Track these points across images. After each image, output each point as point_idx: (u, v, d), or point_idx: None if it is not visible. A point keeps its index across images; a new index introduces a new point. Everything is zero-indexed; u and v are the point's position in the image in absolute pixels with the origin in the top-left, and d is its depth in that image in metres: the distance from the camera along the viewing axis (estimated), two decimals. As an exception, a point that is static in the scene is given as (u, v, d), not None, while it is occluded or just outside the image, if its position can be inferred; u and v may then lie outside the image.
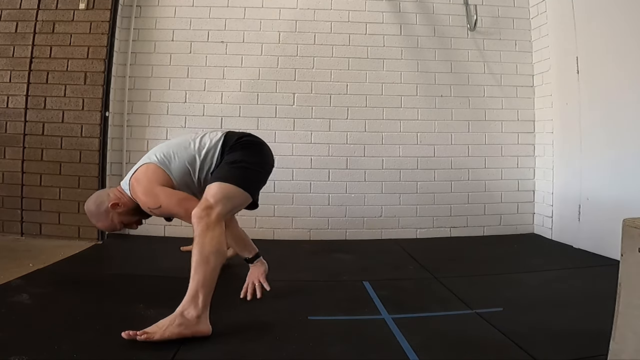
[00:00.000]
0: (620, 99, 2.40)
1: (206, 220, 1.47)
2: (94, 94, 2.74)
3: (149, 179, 1.68)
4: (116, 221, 1.75)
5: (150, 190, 1.66)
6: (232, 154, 1.72)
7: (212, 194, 1.55)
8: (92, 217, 1.78)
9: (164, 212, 1.69)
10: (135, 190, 1.70)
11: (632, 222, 1.01)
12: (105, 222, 1.77)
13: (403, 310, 1.67)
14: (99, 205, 1.75)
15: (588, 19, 2.65)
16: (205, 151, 1.74)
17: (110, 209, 1.72)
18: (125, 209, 1.74)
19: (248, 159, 1.71)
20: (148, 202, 1.66)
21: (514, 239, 2.99)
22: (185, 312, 1.35)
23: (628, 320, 1.00)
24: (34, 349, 1.26)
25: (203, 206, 1.51)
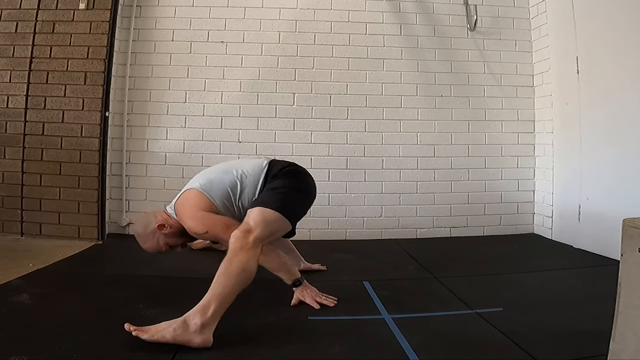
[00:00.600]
0: (620, 98, 2.40)
1: (242, 242, 1.49)
2: (94, 94, 2.74)
3: (192, 204, 1.73)
4: (162, 242, 1.78)
5: (195, 215, 1.70)
6: (275, 181, 1.76)
7: (252, 217, 1.58)
8: (140, 238, 1.81)
9: (211, 236, 1.73)
10: (180, 215, 1.74)
11: (632, 222, 1.01)
12: (151, 243, 1.79)
13: (403, 310, 1.67)
14: (146, 227, 1.78)
15: (588, 19, 2.65)
16: (247, 178, 1.79)
17: (157, 229, 1.75)
18: (171, 231, 1.77)
19: (291, 187, 1.75)
20: (195, 227, 1.70)
21: (514, 239, 2.99)
22: (190, 319, 1.33)
23: (628, 320, 1.00)
24: (34, 349, 1.26)
25: (242, 228, 1.54)
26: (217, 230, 1.67)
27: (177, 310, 1.59)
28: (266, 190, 1.74)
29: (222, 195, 1.75)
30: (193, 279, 2.05)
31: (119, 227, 2.93)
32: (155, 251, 1.82)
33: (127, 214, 2.94)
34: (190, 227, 1.71)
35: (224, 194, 1.76)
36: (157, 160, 2.97)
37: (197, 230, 1.71)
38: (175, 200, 1.82)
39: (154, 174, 2.96)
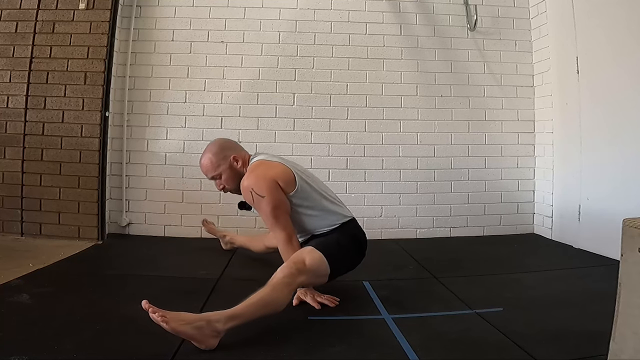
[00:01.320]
0: (620, 98, 2.40)
1: (290, 280, 1.51)
2: (94, 94, 2.74)
3: (276, 171, 1.75)
4: (221, 168, 1.82)
5: (266, 178, 1.70)
6: (349, 239, 1.81)
7: (312, 260, 1.60)
8: (210, 151, 1.86)
9: (259, 204, 1.71)
10: (252, 168, 1.77)
11: (632, 222, 1.01)
12: (213, 160, 1.83)
13: (403, 310, 1.67)
14: (225, 148, 1.85)
15: (588, 19, 2.65)
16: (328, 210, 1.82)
17: (232, 158, 1.82)
18: (237, 170, 1.82)
19: (355, 258, 1.84)
20: (256, 185, 1.69)
21: (514, 239, 2.99)
22: (215, 321, 1.31)
23: (628, 320, 1.00)
24: (34, 349, 1.26)
25: (299, 266, 1.56)
26: (269, 208, 1.68)
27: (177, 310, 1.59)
28: (336, 238, 1.77)
29: (302, 197, 1.77)
30: (193, 279, 2.05)
31: (119, 227, 2.93)
32: (207, 170, 1.86)
33: (127, 214, 2.94)
34: (250, 182, 1.71)
35: (305, 199, 1.78)
36: (157, 160, 2.97)
37: (255, 189, 1.68)
38: (264, 156, 1.84)
39: (154, 174, 2.96)
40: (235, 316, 1.35)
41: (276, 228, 1.72)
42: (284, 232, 1.71)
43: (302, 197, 1.78)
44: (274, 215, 1.70)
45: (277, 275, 1.52)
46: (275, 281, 1.49)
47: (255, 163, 1.82)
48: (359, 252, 1.87)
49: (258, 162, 1.82)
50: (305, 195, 1.79)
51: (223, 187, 1.89)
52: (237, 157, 1.84)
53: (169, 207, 2.95)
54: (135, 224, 2.95)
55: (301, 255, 1.62)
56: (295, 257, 1.61)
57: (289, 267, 1.54)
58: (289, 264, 1.56)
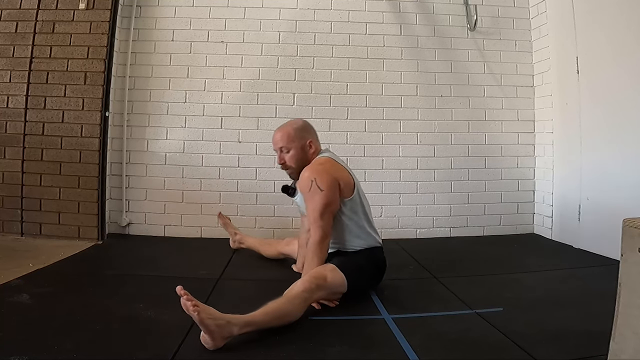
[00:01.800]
0: (620, 98, 2.40)
1: (308, 295, 1.54)
2: (94, 94, 2.73)
3: (342, 174, 1.81)
4: (294, 146, 1.86)
5: (333, 175, 1.77)
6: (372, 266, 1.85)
7: (333, 279, 1.64)
8: (291, 125, 1.91)
9: (313, 196, 1.73)
10: (321, 161, 1.83)
11: (632, 222, 1.01)
12: (291, 137, 1.87)
13: (403, 310, 1.67)
14: (305, 130, 1.91)
15: (588, 19, 2.65)
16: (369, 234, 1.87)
17: (307, 142, 1.88)
18: (306, 154, 1.88)
19: (373, 283, 1.88)
20: (320, 177, 1.73)
21: (514, 239, 2.99)
22: (233, 324, 1.32)
23: (628, 320, 1.00)
24: (34, 349, 1.26)
25: (319, 282, 1.59)
26: (320, 204, 1.71)
27: (177, 311, 1.59)
28: (361, 262, 1.80)
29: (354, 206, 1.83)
30: (193, 279, 2.05)
31: (119, 227, 2.93)
32: (280, 139, 1.89)
33: (127, 214, 2.94)
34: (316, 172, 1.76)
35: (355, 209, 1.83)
36: (157, 160, 2.97)
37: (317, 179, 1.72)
38: (333, 156, 1.90)
39: (154, 174, 2.96)
40: (251, 323, 1.36)
41: (317, 224, 1.72)
42: (321, 231, 1.72)
43: (352, 208, 1.83)
44: (321, 212, 1.72)
45: (296, 288, 1.53)
46: (294, 294, 1.51)
47: (324, 158, 1.87)
48: (376, 279, 1.91)
49: (327, 158, 1.87)
50: (355, 208, 1.84)
51: (284, 162, 1.90)
52: (312, 142, 1.89)
53: (169, 207, 2.95)
54: (135, 224, 2.95)
55: (323, 271, 1.64)
56: (317, 272, 1.63)
57: (309, 282, 1.56)
58: (310, 279, 1.57)
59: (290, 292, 1.52)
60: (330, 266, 1.69)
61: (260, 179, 2.98)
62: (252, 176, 2.98)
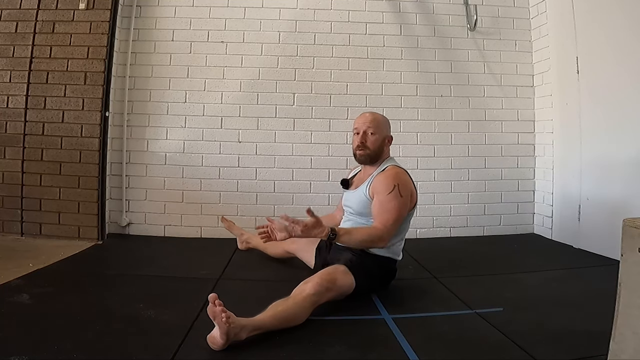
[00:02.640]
0: (620, 98, 2.40)
1: (317, 298, 1.54)
2: (94, 94, 2.73)
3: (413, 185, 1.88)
4: (380, 133, 1.90)
5: (413, 190, 1.87)
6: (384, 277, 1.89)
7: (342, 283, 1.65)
8: (380, 115, 1.98)
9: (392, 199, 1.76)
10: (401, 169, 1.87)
11: (632, 222, 1.01)
12: (382, 124, 1.93)
13: (403, 310, 1.67)
14: (389, 126, 1.98)
15: (588, 19, 2.65)
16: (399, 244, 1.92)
17: (387, 138, 1.94)
18: (383, 146, 1.92)
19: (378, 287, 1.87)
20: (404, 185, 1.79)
21: (514, 239, 2.99)
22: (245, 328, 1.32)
23: (628, 320, 1.00)
24: (34, 349, 1.26)
25: (329, 285, 1.59)
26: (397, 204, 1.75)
27: (177, 310, 1.60)
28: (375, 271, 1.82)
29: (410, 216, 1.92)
30: (193, 279, 2.05)
31: (119, 227, 2.93)
32: (373, 121, 1.92)
33: (127, 214, 2.94)
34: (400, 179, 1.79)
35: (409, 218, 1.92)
36: (157, 160, 2.97)
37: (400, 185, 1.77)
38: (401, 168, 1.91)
39: (154, 174, 2.96)
40: (260, 326, 1.37)
41: (384, 225, 1.74)
42: (383, 230, 1.73)
43: (406, 221, 1.90)
44: (395, 218, 1.75)
45: (307, 291, 1.53)
46: (303, 297, 1.51)
47: (402, 169, 1.89)
48: (381, 286, 1.91)
49: (405, 171, 1.89)
50: (406, 223, 1.91)
51: (364, 142, 1.91)
52: (390, 141, 1.95)
53: (169, 207, 2.95)
54: (135, 224, 2.95)
55: (335, 274, 1.64)
56: (328, 274, 1.63)
57: (320, 285, 1.56)
58: (320, 282, 1.57)
59: (299, 295, 1.52)
60: (342, 268, 1.69)
61: (260, 179, 2.98)
62: (252, 176, 2.98)
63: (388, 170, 1.85)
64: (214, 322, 1.28)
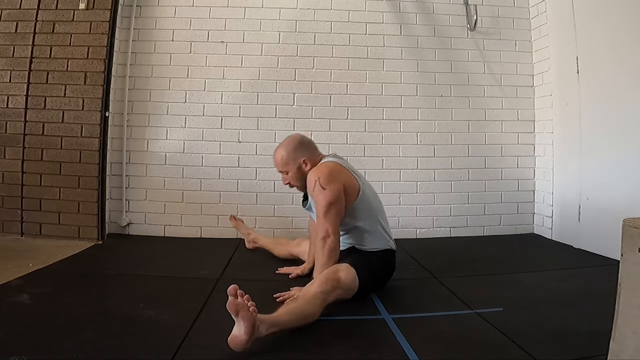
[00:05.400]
0: (620, 98, 2.40)
1: (326, 296, 1.55)
2: (94, 94, 2.73)
3: (347, 178, 1.82)
4: (289, 166, 1.88)
5: (336, 176, 1.78)
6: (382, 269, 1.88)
7: (347, 279, 1.65)
8: (284, 146, 1.91)
9: (318, 195, 1.75)
10: (327, 164, 1.83)
11: (632, 222, 1.01)
12: (284, 161, 1.89)
13: (403, 310, 1.67)
14: (298, 149, 1.90)
15: (588, 19, 2.65)
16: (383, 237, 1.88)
17: (301, 162, 1.88)
18: (304, 172, 1.87)
19: (380, 283, 1.88)
20: (323, 177, 1.75)
21: (514, 239, 2.99)
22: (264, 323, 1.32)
23: (628, 320, 1.00)
24: (34, 349, 1.26)
25: (334, 283, 1.60)
26: (324, 198, 1.73)
27: (177, 310, 1.60)
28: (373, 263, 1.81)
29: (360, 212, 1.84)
30: (193, 279, 2.05)
31: (119, 227, 2.93)
32: (276, 164, 1.92)
33: (127, 214, 2.94)
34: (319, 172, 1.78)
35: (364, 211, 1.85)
36: (157, 160, 2.97)
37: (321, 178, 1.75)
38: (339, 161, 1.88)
39: (154, 174, 2.96)
40: (277, 323, 1.37)
41: (322, 222, 1.75)
42: (324, 229, 1.73)
43: (362, 212, 1.85)
44: (325, 210, 1.74)
45: (313, 289, 1.55)
46: (312, 295, 1.53)
47: (331, 162, 1.87)
48: (382, 282, 1.92)
49: (333, 162, 1.87)
50: (366, 213, 1.86)
51: (288, 182, 1.95)
52: (307, 160, 1.88)
53: (169, 207, 2.95)
54: (135, 224, 2.95)
55: (337, 272, 1.65)
56: (332, 274, 1.64)
57: (325, 283, 1.58)
58: (325, 280, 1.59)
59: (307, 294, 1.54)
60: (345, 265, 1.70)
61: (260, 179, 2.98)
62: (252, 176, 2.98)
63: (310, 172, 1.84)
64: (236, 317, 1.26)
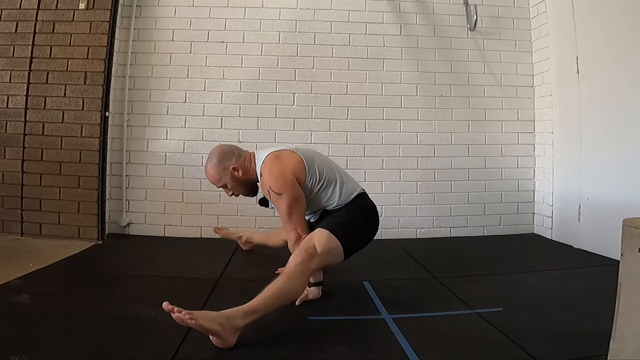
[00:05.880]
0: (620, 98, 2.40)
1: (305, 267, 1.52)
2: (94, 94, 2.73)
3: (289, 161, 1.73)
4: (224, 179, 1.82)
5: (284, 175, 1.70)
6: (357, 214, 1.79)
7: (321, 242, 1.61)
8: (211, 160, 1.83)
9: (276, 202, 1.72)
10: (267, 166, 1.74)
11: (632, 222, 1.01)
12: (215, 172, 1.82)
13: (403, 310, 1.67)
14: (224, 157, 1.82)
15: (588, 19, 2.65)
16: (339, 188, 1.81)
17: (231, 169, 1.80)
18: (240, 178, 1.82)
19: (365, 232, 1.81)
20: (274, 184, 1.69)
21: (514, 239, 2.99)
22: (233, 318, 1.31)
23: (628, 320, 1.00)
24: (34, 349, 1.26)
25: (308, 251, 1.56)
26: (283, 203, 1.69)
27: (177, 310, 1.59)
28: (347, 212, 1.77)
29: (314, 177, 1.77)
30: (193, 279, 2.05)
31: (119, 227, 2.93)
32: (211, 181, 1.86)
33: (127, 214, 2.94)
34: (268, 181, 1.71)
35: (317, 178, 1.77)
36: (157, 160, 2.97)
37: (274, 188, 1.69)
38: (273, 150, 1.80)
39: (154, 174, 2.96)
40: (253, 311, 1.36)
41: (288, 226, 1.73)
42: (294, 232, 1.72)
43: (314, 177, 1.78)
44: (288, 213, 1.71)
45: (290, 264, 1.53)
46: (290, 270, 1.50)
47: (269, 160, 1.76)
48: (369, 226, 1.85)
49: (271, 157, 1.77)
50: (316, 175, 1.78)
51: (232, 193, 1.90)
52: (236, 167, 1.81)
53: (169, 207, 2.95)
54: (135, 224, 2.95)
55: (310, 240, 1.62)
56: (304, 243, 1.61)
57: (300, 255, 1.54)
58: (300, 252, 1.56)
59: (286, 270, 1.52)
60: (316, 231, 1.66)
61: (260, 179, 2.98)
62: (252, 176, 2.98)
63: (262, 178, 1.77)
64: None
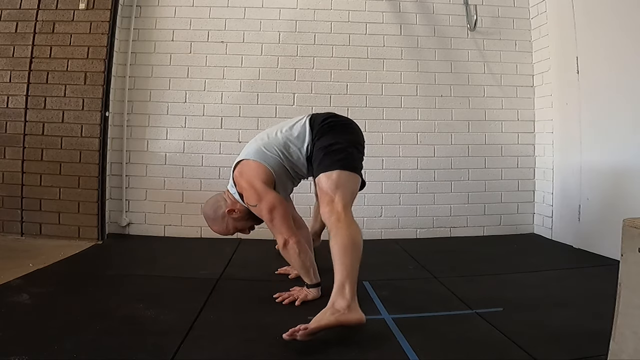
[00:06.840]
0: (621, 98, 2.40)
1: (336, 216, 1.52)
2: (94, 94, 2.74)
3: (251, 175, 1.74)
4: (230, 226, 1.85)
5: (252, 186, 1.72)
6: (323, 139, 1.72)
7: (327, 187, 1.59)
8: (208, 221, 1.89)
9: (258, 213, 1.73)
10: (239, 185, 1.77)
11: (632, 222, 1.01)
12: (220, 227, 1.86)
13: (403, 310, 1.67)
14: (215, 210, 1.85)
15: (588, 19, 2.65)
16: (293, 137, 1.77)
17: (227, 214, 1.82)
18: (240, 215, 1.83)
19: (341, 140, 1.70)
20: (249, 198, 1.73)
21: (514, 239, 2.99)
22: (336, 303, 1.38)
23: (628, 320, 1.00)
24: (34, 349, 1.26)
25: (325, 202, 1.56)
26: (262, 211, 1.71)
27: (178, 311, 1.60)
28: (319, 150, 1.70)
29: (275, 160, 1.76)
30: (193, 279, 2.05)
31: (119, 227, 2.93)
32: (223, 234, 1.90)
33: (127, 214, 2.94)
34: (245, 198, 1.75)
35: (277, 158, 1.76)
36: (157, 160, 2.97)
37: (249, 202, 1.73)
38: (234, 173, 1.82)
39: (154, 174, 2.96)
40: (340, 284, 1.40)
41: (274, 231, 1.75)
42: (280, 236, 1.73)
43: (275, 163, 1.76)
44: (270, 219, 1.72)
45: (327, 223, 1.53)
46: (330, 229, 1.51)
47: (236, 180, 1.80)
48: (343, 132, 1.76)
49: (236, 177, 1.80)
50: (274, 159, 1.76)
51: (248, 230, 1.93)
52: (229, 209, 1.84)
53: (169, 207, 2.95)
54: (135, 224, 2.95)
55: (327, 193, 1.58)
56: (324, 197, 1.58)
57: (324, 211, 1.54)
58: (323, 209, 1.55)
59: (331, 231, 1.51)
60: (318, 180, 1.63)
61: (260, 179, 2.98)
62: (252, 176, 2.98)
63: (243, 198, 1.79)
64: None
